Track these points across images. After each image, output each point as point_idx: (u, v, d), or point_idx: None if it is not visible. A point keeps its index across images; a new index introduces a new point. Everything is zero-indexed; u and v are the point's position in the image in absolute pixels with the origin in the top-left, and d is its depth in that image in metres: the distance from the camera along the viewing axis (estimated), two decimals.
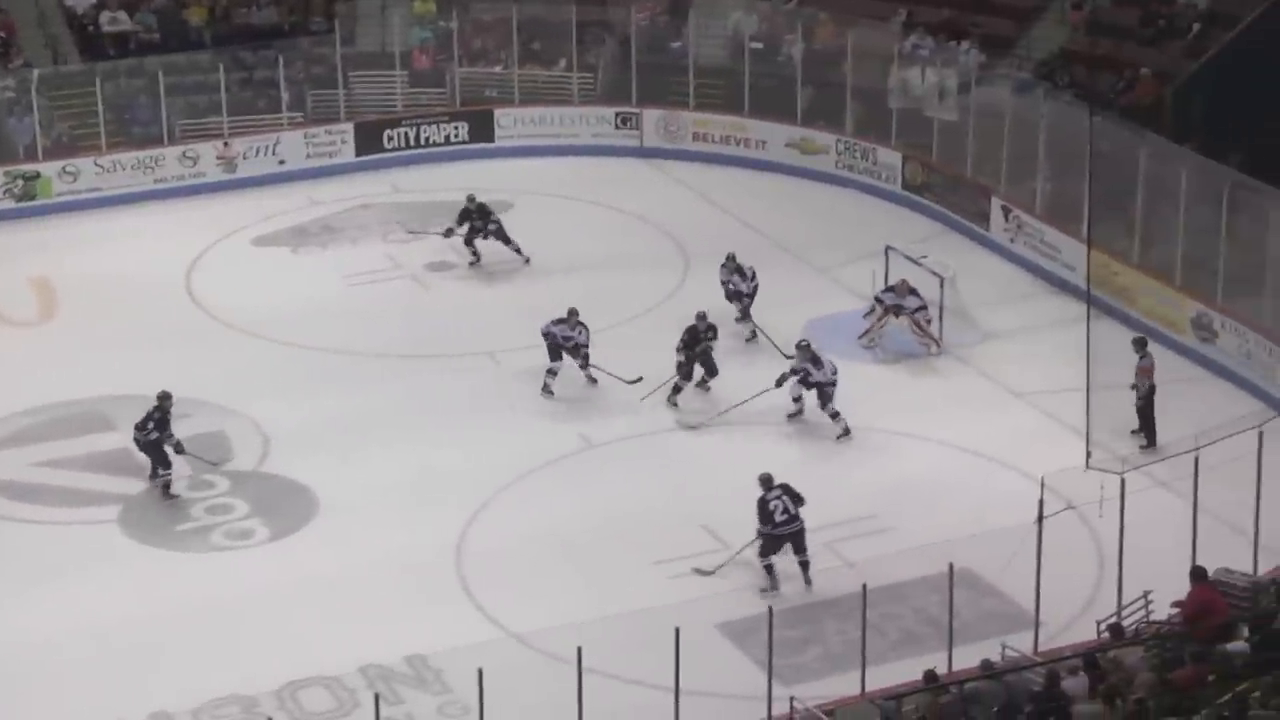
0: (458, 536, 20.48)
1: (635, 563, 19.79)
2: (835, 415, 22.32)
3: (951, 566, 17.35)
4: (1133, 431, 21.69)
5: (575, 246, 27.54)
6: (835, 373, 22.33)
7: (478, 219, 26.74)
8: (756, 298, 24.70)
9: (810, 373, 22.27)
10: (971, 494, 20.79)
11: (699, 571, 19.48)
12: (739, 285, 24.77)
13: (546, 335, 23.35)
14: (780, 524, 19.13)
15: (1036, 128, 26.40)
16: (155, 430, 21.30)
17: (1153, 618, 17.85)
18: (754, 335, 24.49)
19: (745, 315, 24.67)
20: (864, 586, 17.09)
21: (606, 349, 24.18)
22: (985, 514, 19.60)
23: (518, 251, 26.84)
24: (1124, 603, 17.96)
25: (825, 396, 22.33)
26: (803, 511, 19.25)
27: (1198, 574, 17.26)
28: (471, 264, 26.86)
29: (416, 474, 21.60)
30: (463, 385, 23.62)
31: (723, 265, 24.94)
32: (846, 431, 22.27)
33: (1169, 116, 27.46)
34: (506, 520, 20.83)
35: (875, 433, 22.42)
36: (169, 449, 21.35)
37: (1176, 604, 17.47)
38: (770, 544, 19.24)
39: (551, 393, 23.22)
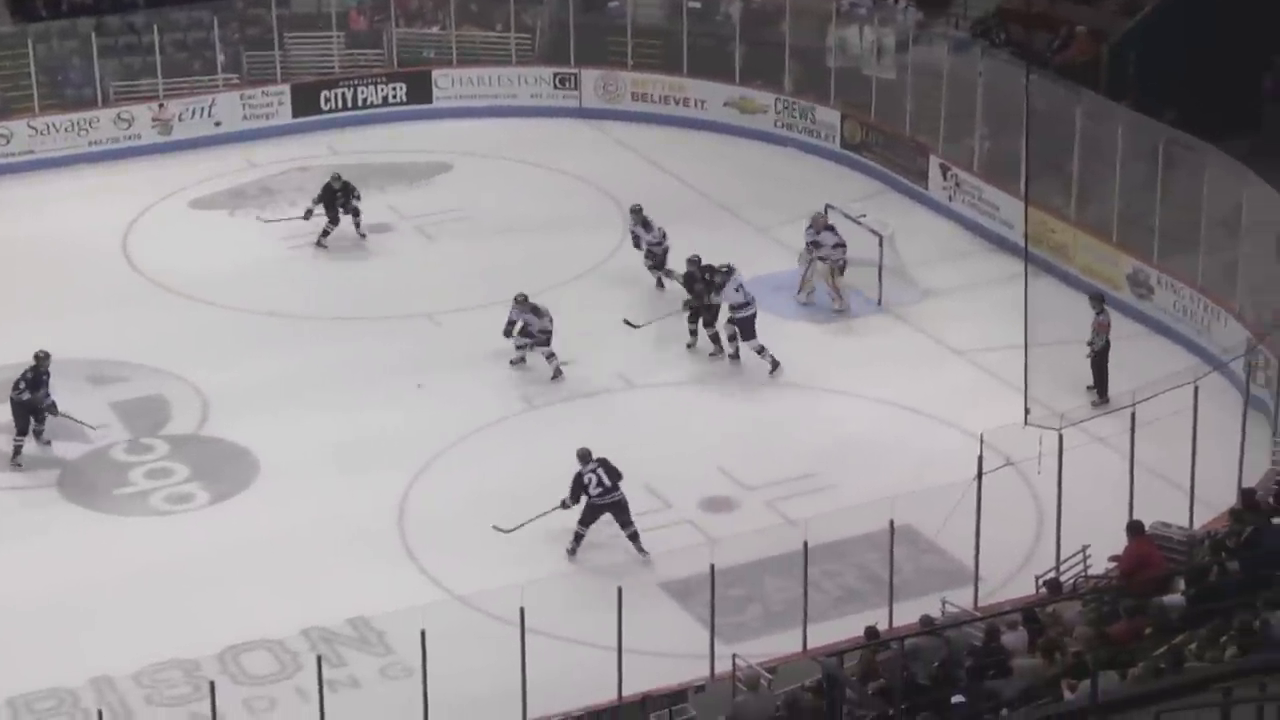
0: (400, 498, 20.45)
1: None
2: (760, 350, 22.53)
3: (892, 523, 17.46)
4: (1088, 387, 21.81)
5: (515, 208, 27.46)
6: (747, 301, 22.59)
7: (342, 197, 26.19)
8: (669, 255, 24.64)
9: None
10: (911, 451, 20.89)
11: (497, 529, 19.31)
12: (643, 236, 24.79)
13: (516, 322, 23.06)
14: (595, 496, 19.18)
15: (974, 86, 26.48)
16: (27, 390, 20.96)
17: (1090, 572, 18.00)
18: (661, 284, 24.57)
19: (658, 266, 24.65)
20: (805, 544, 17.16)
21: (550, 311, 24.17)
22: (925, 471, 19.70)
23: (358, 230, 26.33)
24: (1062, 558, 18.11)
25: (745, 331, 22.60)
26: (623, 485, 19.22)
27: (1134, 528, 17.42)
28: (364, 238, 26.41)
29: (357, 436, 21.54)
30: (403, 347, 23.55)
31: (631, 213, 24.92)
32: (775, 364, 22.51)
33: (1104, 74, 27.56)
34: (449, 482, 20.80)
35: (815, 391, 22.49)
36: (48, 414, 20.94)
37: (1114, 558, 17.63)
38: (589, 513, 19.28)
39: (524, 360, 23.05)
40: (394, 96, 31.01)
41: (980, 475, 17.65)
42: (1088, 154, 24.73)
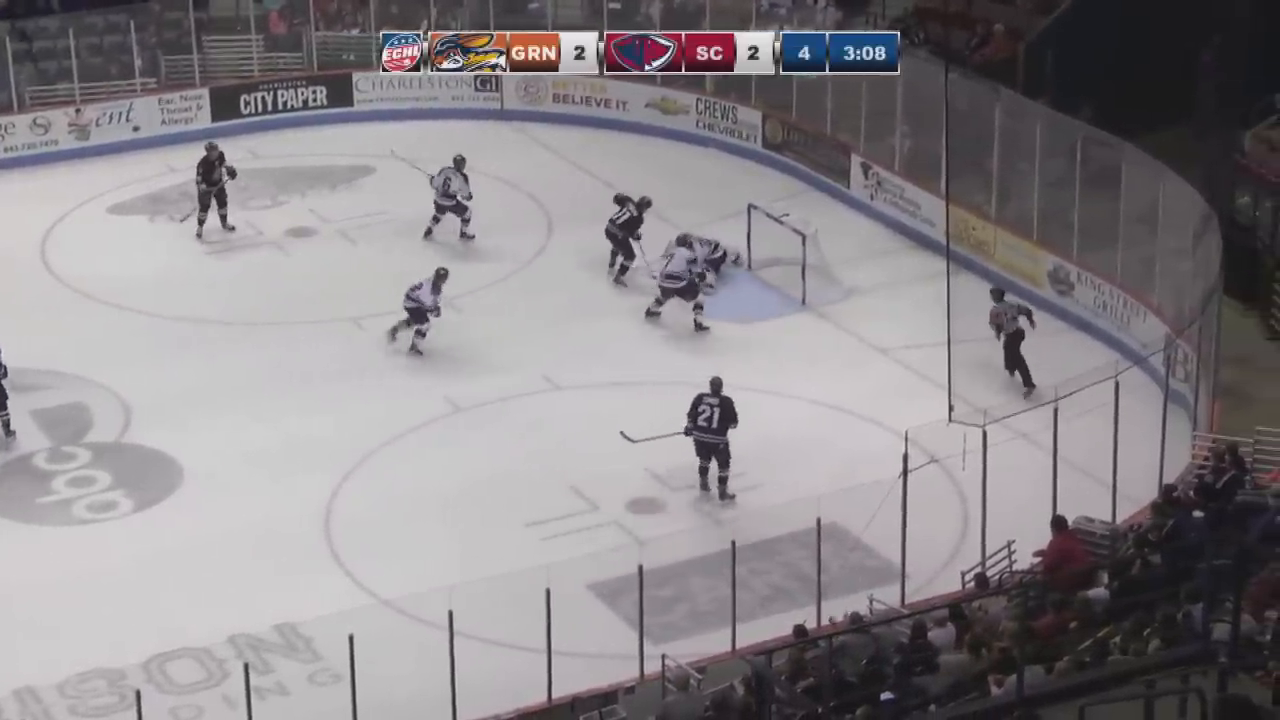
0: (325, 503, 20.34)
1: (505, 525, 19.79)
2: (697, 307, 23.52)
3: (819, 522, 17.50)
4: (1011, 375, 22.11)
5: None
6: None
7: (220, 168, 26.25)
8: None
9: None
10: (838, 450, 20.95)
11: (624, 436, 20.05)
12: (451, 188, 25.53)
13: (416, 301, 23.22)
14: (698, 428, 20.15)
15: (893, 85, 26.55)
16: None
17: (1016, 567, 18.11)
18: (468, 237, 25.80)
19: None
20: (733, 543, 17.20)
21: (474, 314, 24.17)
22: (851, 469, 19.74)
23: (224, 221, 26.54)
24: (988, 553, 18.21)
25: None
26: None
27: (1058, 524, 17.56)
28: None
29: (282, 441, 21.42)
30: (327, 351, 23.44)
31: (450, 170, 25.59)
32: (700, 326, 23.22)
33: (1021, 72, 27.76)
34: (374, 486, 20.72)
35: (742, 391, 22.40)
36: None
37: (1039, 553, 17.76)
38: (698, 447, 20.24)
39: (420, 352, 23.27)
40: (314, 100, 30.84)
41: (906, 473, 17.73)
42: (1007, 152, 24.89)
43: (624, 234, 24.95)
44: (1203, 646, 13.44)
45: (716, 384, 20.40)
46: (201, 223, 26.51)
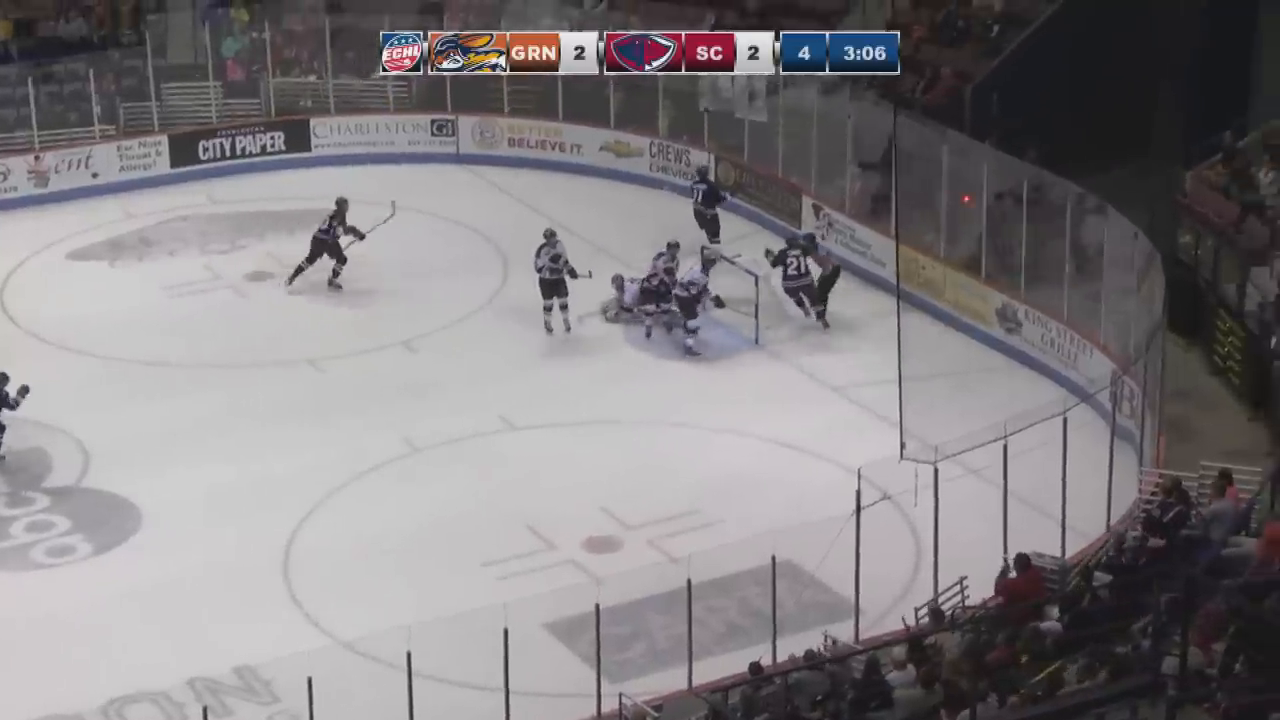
0: (284, 545, 20.19)
1: (463, 565, 19.68)
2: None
3: (774, 559, 17.43)
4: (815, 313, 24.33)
5: (395, 253, 27.21)
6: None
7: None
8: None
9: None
10: (791, 487, 20.91)
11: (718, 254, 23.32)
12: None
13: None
14: (789, 277, 24.04)
15: (843, 127, 26.66)
16: None
17: (969, 603, 18.07)
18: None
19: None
20: (689, 581, 17.10)
21: (431, 354, 24.10)
22: (805, 506, 19.69)
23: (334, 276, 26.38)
24: (940, 589, 18.16)
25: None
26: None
27: (1021, 563, 17.46)
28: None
29: (240, 483, 21.27)
30: (284, 393, 23.32)
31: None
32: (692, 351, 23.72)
33: (968, 114, 27.88)
34: (332, 527, 20.58)
35: (696, 429, 22.47)
36: None
37: (1002, 592, 17.57)
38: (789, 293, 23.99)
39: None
40: (272, 145, 30.74)
41: (859, 509, 17.69)
42: (955, 192, 24.95)
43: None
44: (1152, 678, 13.42)
45: (808, 239, 23.89)
46: (300, 271, 26.22)
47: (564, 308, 24.52)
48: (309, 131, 30.81)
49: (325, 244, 26.19)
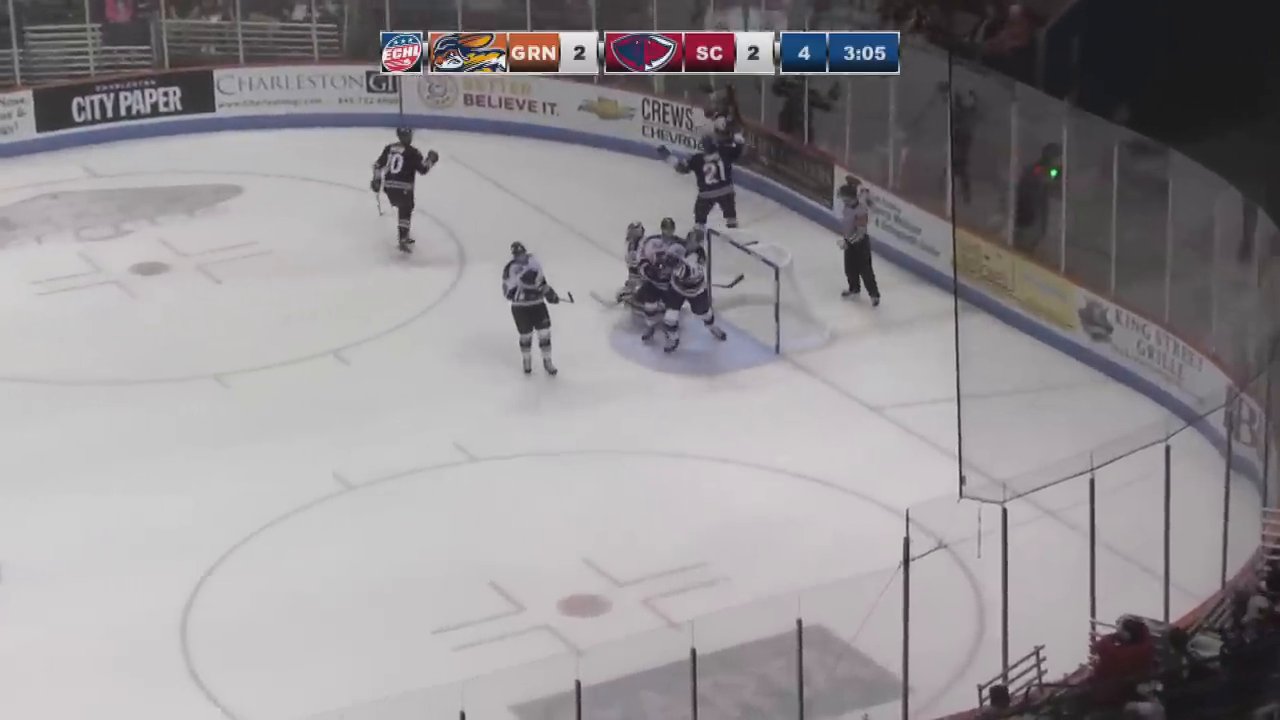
0: (181, 607, 20.19)
1: (409, 632, 19.69)
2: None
3: (799, 624, 17.39)
4: (843, 293, 25.03)
5: (322, 241, 27.30)
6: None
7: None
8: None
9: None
10: (820, 534, 20.95)
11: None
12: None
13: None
14: (707, 186, 25.96)
15: (885, 82, 26.64)
16: None
17: (1045, 679, 18.05)
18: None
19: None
20: (693, 652, 17.07)
21: (368, 368, 24.09)
22: (838, 558, 19.74)
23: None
24: (1010, 662, 18.14)
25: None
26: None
27: (1134, 628, 17.40)
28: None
29: (126, 529, 21.28)
30: (182, 416, 23.36)
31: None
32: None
33: (1042, 64, 27.91)
34: (242, 585, 20.58)
35: (699, 461, 22.48)
36: None
37: (1102, 658, 17.53)
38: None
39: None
40: (166, 104, 30.80)
41: (906, 562, 17.64)
42: (1026, 162, 24.96)
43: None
44: None
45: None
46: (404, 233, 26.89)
47: (545, 343, 23.97)
48: (212, 86, 30.87)
49: (403, 193, 26.66)
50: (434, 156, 26.82)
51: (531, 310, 23.95)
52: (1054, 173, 24.62)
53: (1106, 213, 23.91)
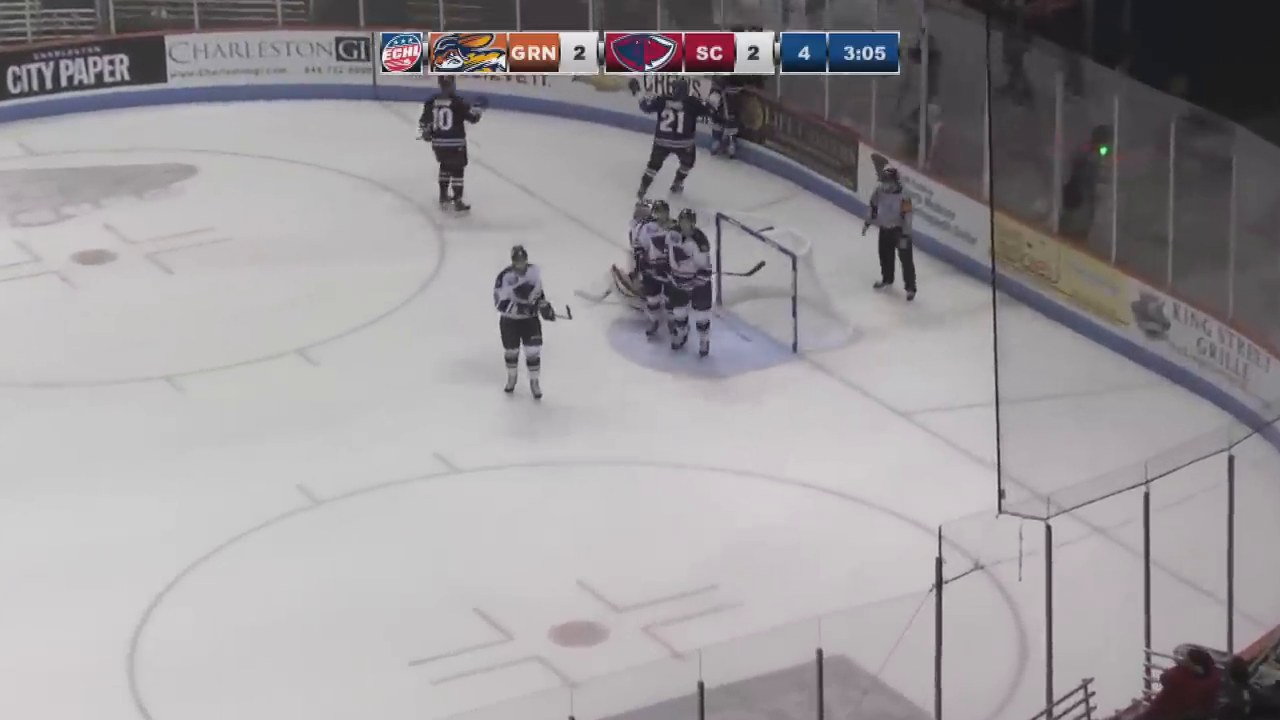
0: (128, 635, 20.19)
1: (383, 664, 19.71)
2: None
3: (820, 653, 17.42)
4: (875, 285, 25.49)
5: (286, 225, 27.35)
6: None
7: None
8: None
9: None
10: (842, 553, 20.99)
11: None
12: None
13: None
14: (663, 134, 26.82)
15: (916, 49, 26.70)
16: None
17: (1095, 715, 18.08)
18: None
19: None
20: (700, 685, 17.10)
21: (337, 368, 24.13)
22: (862, 580, 19.84)
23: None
24: (1055, 697, 18.17)
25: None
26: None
27: (1201, 659, 17.40)
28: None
29: (69, 547, 21.30)
30: (131, 423, 23.41)
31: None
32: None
33: (1090, 29, 27.93)
34: (197, 610, 20.61)
35: (706, 473, 22.51)
36: None
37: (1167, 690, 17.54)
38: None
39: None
40: (113, 74, 30.86)
41: (939, 585, 17.66)
42: (1074, 138, 24.98)
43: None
44: None
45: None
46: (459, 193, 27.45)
47: (533, 362, 23.71)
48: (164, 54, 30.92)
49: (456, 150, 27.09)
50: (484, 101, 26.95)
51: (522, 324, 23.77)
52: (1104, 150, 24.68)
53: (1163, 195, 23.95)
